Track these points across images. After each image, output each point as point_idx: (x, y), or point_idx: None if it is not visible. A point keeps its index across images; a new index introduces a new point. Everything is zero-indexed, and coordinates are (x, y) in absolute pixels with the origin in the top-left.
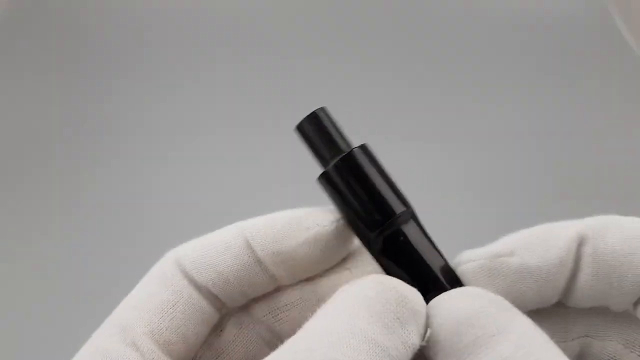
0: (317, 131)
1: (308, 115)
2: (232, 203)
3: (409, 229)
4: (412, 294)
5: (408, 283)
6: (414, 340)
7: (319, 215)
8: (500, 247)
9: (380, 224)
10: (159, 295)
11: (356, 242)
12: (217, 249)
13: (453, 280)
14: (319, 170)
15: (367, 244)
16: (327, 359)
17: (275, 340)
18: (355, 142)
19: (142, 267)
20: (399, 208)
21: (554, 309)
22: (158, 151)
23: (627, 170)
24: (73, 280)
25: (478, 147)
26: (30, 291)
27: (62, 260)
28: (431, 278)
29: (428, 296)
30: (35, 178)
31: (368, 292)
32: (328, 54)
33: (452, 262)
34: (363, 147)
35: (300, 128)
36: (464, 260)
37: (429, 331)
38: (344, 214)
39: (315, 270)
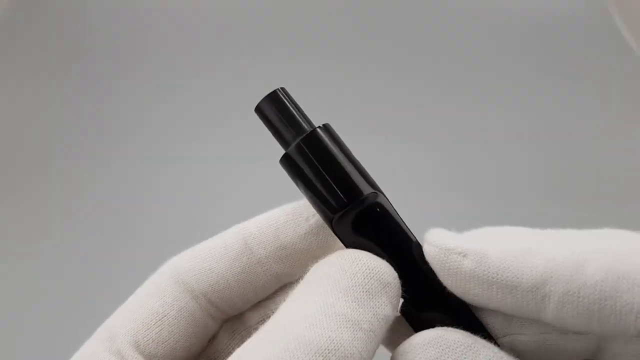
0: (277, 112)
1: (267, 96)
2: (232, 203)
3: (374, 208)
4: (380, 265)
5: None
6: (387, 311)
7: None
8: (460, 243)
9: (344, 205)
10: (148, 306)
11: None
12: (215, 253)
13: (423, 260)
14: None
15: (331, 224)
16: (300, 338)
17: None
18: (354, 140)
19: (142, 267)
20: (364, 189)
21: None
22: (158, 151)
23: (627, 170)
24: (73, 280)
25: (477, 147)
26: (30, 291)
27: (62, 260)
28: (400, 258)
29: (400, 274)
30: (35, 178)
31: (335, 268)
32: (328, 54)
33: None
34: (325, 127)
35: (259, 109)
36: (427, 240)
37: (401, 301)
38: (307, 196)
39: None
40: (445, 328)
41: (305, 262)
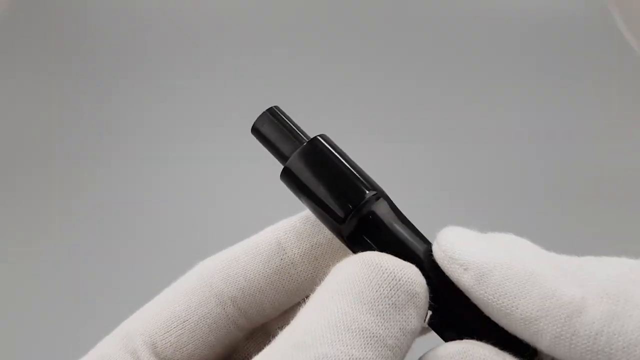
0: (273, 129)
1: (261, 115)
2: (232, 203)
3: (381, 211)
4: (408, 273)
5: None
6: (414, 325)
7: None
8: (464, 254)
9: (350, 211)
10: (171, 308)
11: None
12: (246, 255)
13: (432, 263)
14: None
15: (339, 234)
16: (321, 356)
17: None
18: (353, 144)
19: (142, 267)
20: (367, 191)
21: None
22: (158, 151)
23: (627, 170)
24: (73, 280)
25: (477, 147)
26: (30, 291)
27: (62, 260)
28: (411, 259)
29: None
30: (35, 178)
31: (359, 276)
32: (328, 54)
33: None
34: (322, 136)
35: (256, 129)
36: (437, 240)
37: (429, 313)
38: (312, 209)
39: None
40: (473, 342)
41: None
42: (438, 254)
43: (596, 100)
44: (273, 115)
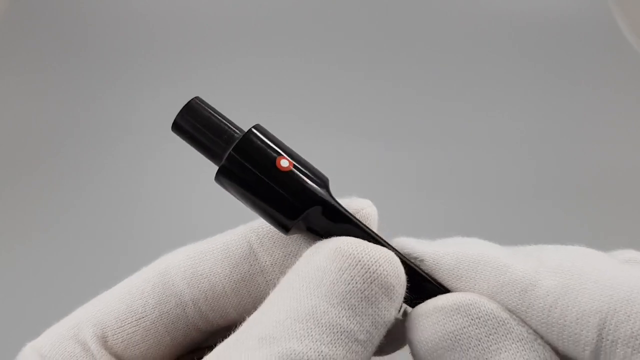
0: (199, 124)
1: (183, 109)
2: (232, 203)
3: (327, 207)
4: (383, 265)
5: None
6: (388, 317)
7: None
8: (419, 247)
9: (295, 219)
10: (128, 301)
11: None
12: (214, 256)
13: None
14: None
15: (286, 230)
16: (288, 352)
17: None
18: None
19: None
20: (317, 188)
21: None
22: (158, 151)
23: (627, 170)
24: (72, 279)
25: (477, 147)
26: (30, 291)
27: (62, 259)
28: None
29: None
30: (35, 178)
31: (331, 267)
32: (328, 54)
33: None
34: (257, 127)
35: (178, 126)
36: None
37: (403, 306)
38: (256, 208)
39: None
40: (481, 295)
41: None
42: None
43: (596, 100)
44: (196, 109)
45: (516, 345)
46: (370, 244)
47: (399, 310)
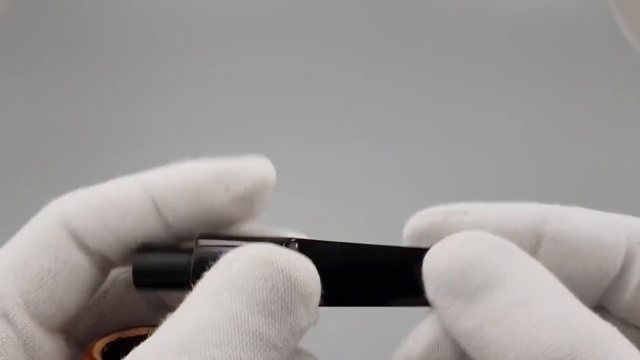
0: (157, 273)
1: (135, 271)
2: None
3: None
4: (303, 274)
5: None
6: (304, 325)
7: (240, 171)
8: (459, 206)
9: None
10: (38, 260)
11: None
12: (115, 209)
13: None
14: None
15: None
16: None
17: (164, 305)
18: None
19: None
20: None
21: None
22: (158, 151)
23: (627, 170)
24: None
25: (476, 147)
26: None
27: None
28: None
29: None
30: (35, 178)
31: (253, 274)
32: (328, 54)
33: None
34: (202, 238)
35: (140, 284)
36: (418, 214)
37: (316, 313)
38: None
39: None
40: (486, 233)
41: (221, 224)
42: (427, 217)
43: (596, 100)
44: (148, 261)
45: (531, 261)
46: (291, 252)
47: (315, 320)
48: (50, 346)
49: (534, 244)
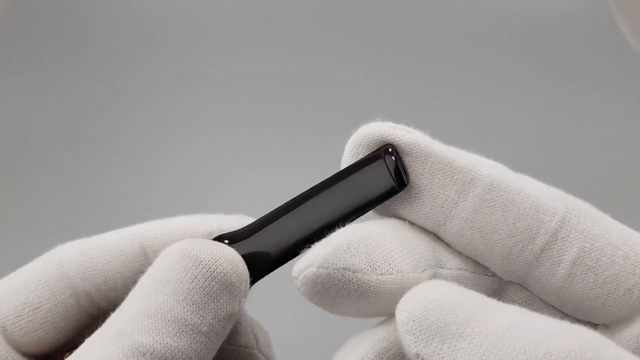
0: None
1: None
2: (232, 203)
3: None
4: (222, 265)
5: None
6: (228, 311)
7: (217, 222)
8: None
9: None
10: (25, 293)
11: None
12: (107, 253)
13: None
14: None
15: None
16: (137, 345)
17: None
18: None
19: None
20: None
21: None
22: (158, 151)
23: (627, 170)
24: None
25: (476, 147)
26: None
27: None
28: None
29: None
30: (35, 178)
31: (177, 267)
32: (328, 54)
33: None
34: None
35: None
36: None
37: (243, 301)
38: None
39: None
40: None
41: None
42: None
43: (596, 100)
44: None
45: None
46: (213, 244)
47: (241, 303)
48: None
49: (468, 181)
